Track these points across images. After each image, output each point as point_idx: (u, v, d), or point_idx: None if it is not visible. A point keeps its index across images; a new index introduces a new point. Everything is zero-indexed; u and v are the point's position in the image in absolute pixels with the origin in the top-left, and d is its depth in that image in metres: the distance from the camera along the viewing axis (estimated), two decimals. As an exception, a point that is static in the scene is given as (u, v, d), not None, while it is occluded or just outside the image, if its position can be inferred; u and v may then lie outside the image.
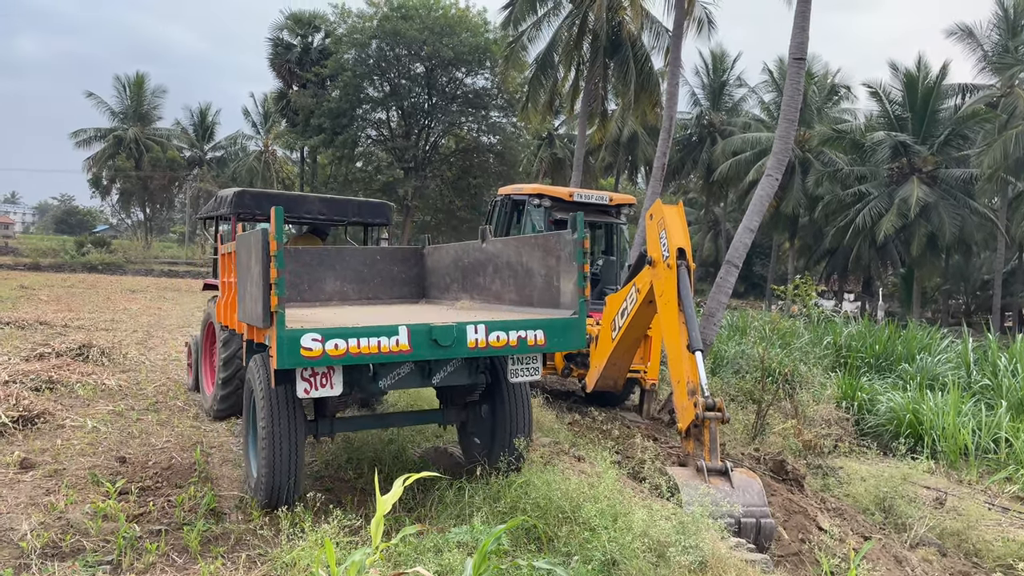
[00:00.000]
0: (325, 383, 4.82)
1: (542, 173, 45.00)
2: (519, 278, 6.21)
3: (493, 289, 6.69)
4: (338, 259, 8.02)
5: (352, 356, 4.60)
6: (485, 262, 6.84)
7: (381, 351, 4.67)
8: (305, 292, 7.76)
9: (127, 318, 17.52)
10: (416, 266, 8.37)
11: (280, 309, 4.46)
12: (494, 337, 4.99)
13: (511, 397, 6.10)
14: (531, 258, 6.01)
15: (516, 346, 5.08)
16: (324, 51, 42.42)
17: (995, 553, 7.25)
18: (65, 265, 38.09)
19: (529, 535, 4.87)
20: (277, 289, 4.48)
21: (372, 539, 3.19)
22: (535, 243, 5.97)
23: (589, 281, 5.37)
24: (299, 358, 4.47)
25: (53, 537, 4.89)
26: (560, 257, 5.52)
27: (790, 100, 12.43)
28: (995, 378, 13.26)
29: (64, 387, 9.20)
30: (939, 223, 32.30)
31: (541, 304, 5.82)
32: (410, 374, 5.44)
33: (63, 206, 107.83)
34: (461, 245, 7.47)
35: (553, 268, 5.65)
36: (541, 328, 5.17)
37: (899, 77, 34.74)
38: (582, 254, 5.28)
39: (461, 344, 4.88)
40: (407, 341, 4.73)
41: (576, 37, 25.79)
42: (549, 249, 5.70)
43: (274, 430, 5.18)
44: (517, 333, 5.08)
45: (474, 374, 5.77)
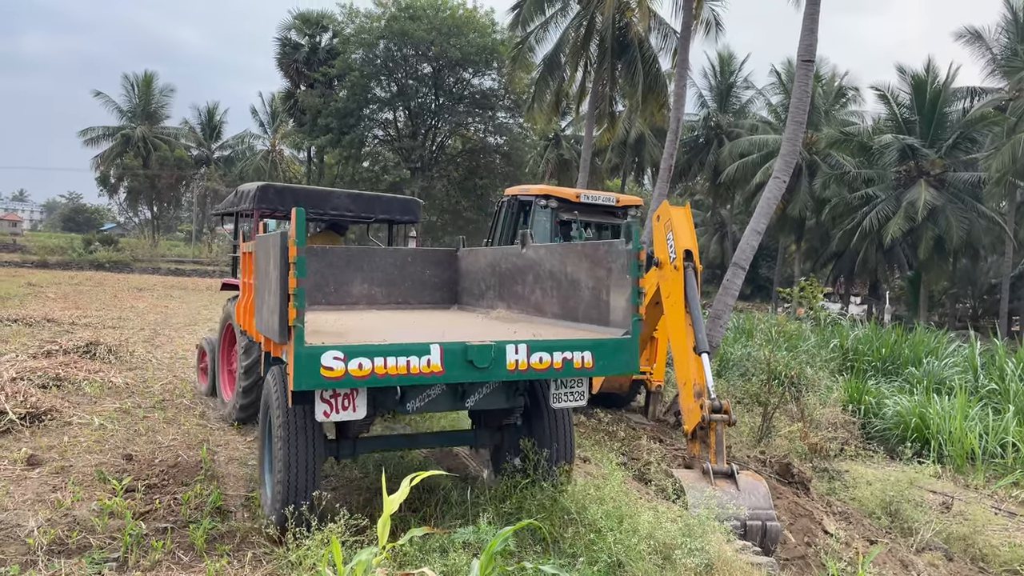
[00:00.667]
0: (347, 406, 4.45)
1: (548, 174, 45.00)
2: (563, 289, 5.73)
3: (533, 299, 6.22)
4: (367, 260, 7.66)
5: (378, 378, 4.18)
6: (525, 269, 6.37)
7: (410, 372, 4.24)
8: (331, 295, 7.42)
9: (134, 316, 17.57)
10: (449, 270, 7.94)
11: (299, 323, 4.05)
12: (536, 359, 4.53)
13: (552, 422, 5.65)
14: (577, 268, 5.50)
15: (561, 369, 4.60)
16: (332, 51, 42.51)
17: (1002, 558, 7.23)
18: (72, 263, 38.24)
19: (535, 536, 4.86)
20: (296, 301, 4.07)
21: (379, 539, 3.19)
22: (582, 252, 5.47)
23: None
24: (319, 379, 4.06)
25: (60, 534, 4.91)
26: (611, 269, 5.02)
27: (798, 102, 12.41)
28: (1002, 383, 13.21)
29: (71, 384, 9.22)
30: (947, 226, 32.19)
31: (587, 320, 5.34)
32: (441, 396, 4.99)
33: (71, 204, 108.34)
34: (499, 249, 7.10)
35: (602, 281, 5.15)
36: (589, 349, 4.68)
37: (907, 80, 34.65)
38: (636, 267, 4.75)
39: (499, 366, 4.43)
40: (439, 361, 4.30)
41: (583, 38, 25.79)
42: (598, 260, 5.20)
43: (290, 452, 4.82)
44: (563, 355, 4.60)
45: (512, 397, 5.31)
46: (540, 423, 5.70)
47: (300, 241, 4.12)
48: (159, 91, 55.02)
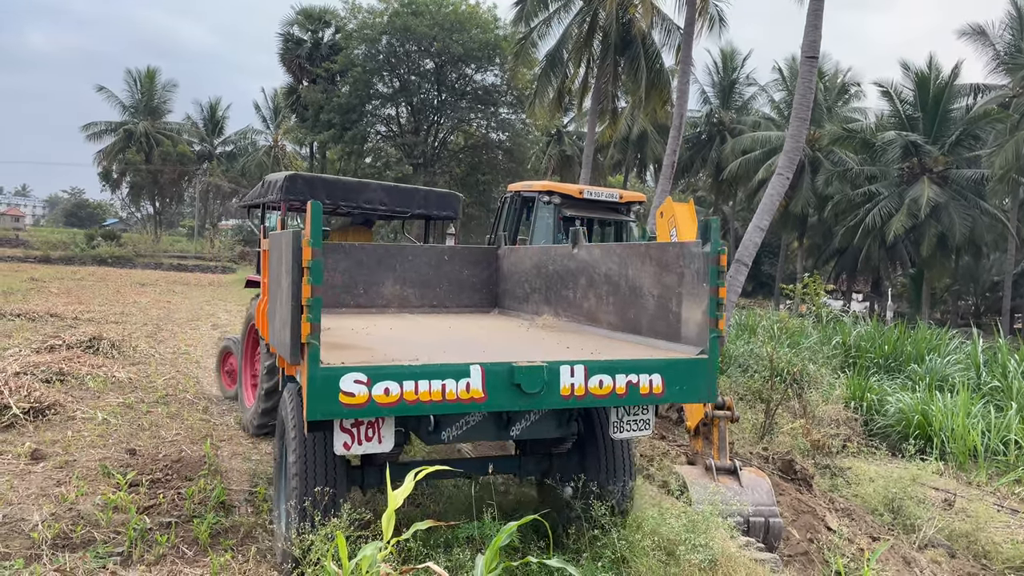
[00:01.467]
0: (371, 436, 3.84)
1: (551, 170, 44.96)
2: (622, 296, 5.05)
3: (585, 306, 5.56)
4: (400, 258, 7.06)
5: (408, 405, 3.56)
6: (576, 272, 5.70)
7: (446, 398, 3.62)
8: (360, 296, 6.87)
9: (137, 311, 17.60)
10: (489, 270, 7.32)
11: (314, 340, 3.45)
12: (596, 382, 3.86)
13: (609, 454, 4.98)
14: (641, 272, 4.82)
15: (624, 395, 3.93)
16: (334, 46, 42.47)
17: (1004, 555, 7.22)
18: (75, 258, 38.28)
19: (539, 532, 4.87)
20: (311, 313, 3.47)
21: (383, 534, 3.19)
22: (647, 253, 4.77)
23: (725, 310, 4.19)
24: (337, 407, 3.44)
25: (64, 528, 4.92)
26: (683, 275, 4.34)
27: (802, 99, 12.39)
28: (1005, 380, 13.19)
29: (74, 379, 9.24)
30: (949, 224, 32.15)
31: (652, 333, 4.67)
32: (482, 423, 4.41)
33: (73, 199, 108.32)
34: (546, 249, 6.47)
35: (672, 288, 4.46)
36: (659, 372, 3.99)
37: (910, 76, 34.56)
38: (716, 273, 4.05)
39: (552, 392, 3.77)
40: (481, 386, 3.67)
41: (586, 34, 25.74)
42: (667, 263, 4.52)
43: (307, 485, 4.21)
44: (627, 378, 3.92)
45: (564, 425, 4.67)
46: (595, 453, 5.01)
47: (316, 241, 3.51)
48: (162, 86, 55.02)
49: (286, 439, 4.51)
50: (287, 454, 4.45)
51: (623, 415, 4.42)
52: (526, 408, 3.98)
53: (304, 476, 4.21)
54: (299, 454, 4.25)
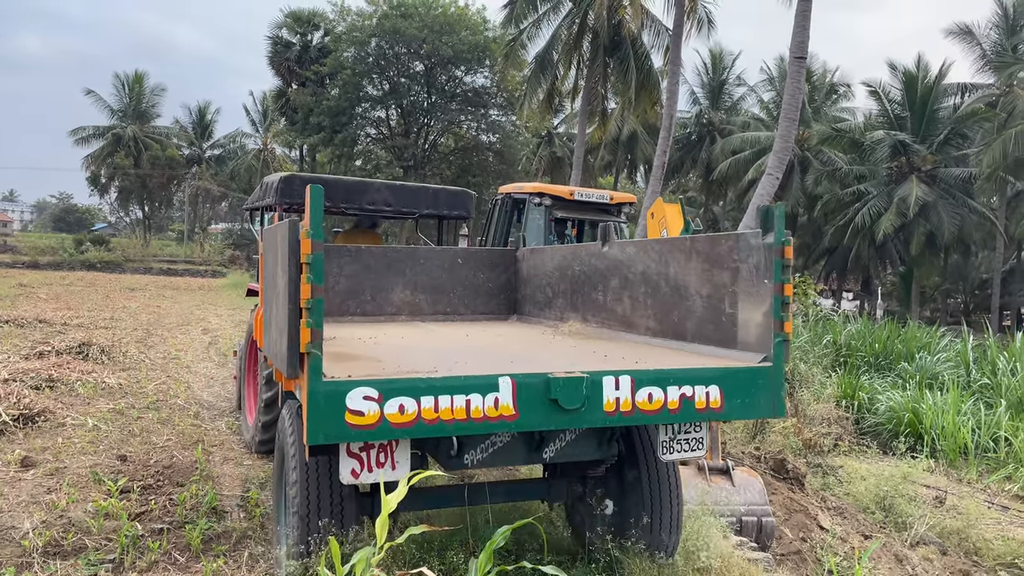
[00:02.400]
0: (383, 461, 3.33)
1: (541, 172, 44.99)
2: (663, 297, 4.50)
3: (618, 310, 5.00)
4: (410, 262, 6.56)
5: (426, 425, 3.05)
6: (607, 272, 5.14)
7: (472, 417, 3.09)
8: (367, 303, 6.38)
9: (126, 316, 17.51)
10: (507, 273, 6.83)
11: (315, 349, 2.97)
12: (644, 396, 3.32)
13: (654, 477, 4.39)
14: (685, 270, 4.27)
15: (677, 410, 3.39)
16: (323, 49, 42.40)
17: (995, 552, 7.26)
18: (64, 263, 38.08)
19: (534, 535, 4.87)
20: (311, 317, 2.99)
21: (377, 538, 3.18)
22: (693, 248, 4.21)
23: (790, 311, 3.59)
24: (343, 428, 2.95)
25: (55, 535, 4.89)
26: (739, 270, 3.83)
27: (791, 99, 12.44)
28: (994, 377, 13.27)
29: (64, 385, 9.19)
30: (938, 222, 32.34)
31: (701, 339, 4.12)
32: (510, 444, 3.80)
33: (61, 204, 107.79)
34: (571, 248, 5.98)
35: (725, 287, 3.94)
36: (716, 383, 3.45)
37: (898, 76, 34.77)
38: (781, 268, 3.58)
39: (594, 407, 3.25)
40: (511, 401, 3.14)
41: (576, 36, 25.81)
42: (719, 258, 3.98)
43: (309, 516, 3.73)
44: (680, 390, 3.38)
45: (604, 445, 4.00)
46: (637, 476, 4.40)
47: (316, 232, 3.02)
48: (150, 90, 54.85)
49: (285, 465, 3.98)
50: (287, 482, 3.94)
51: (674, 433, 3.85)
52: (564, 427, 3.49)
53: (306, 507, 3.74)
54: (300, 483, 3.75)
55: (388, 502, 3.15)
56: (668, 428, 3.84)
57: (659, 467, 4.38)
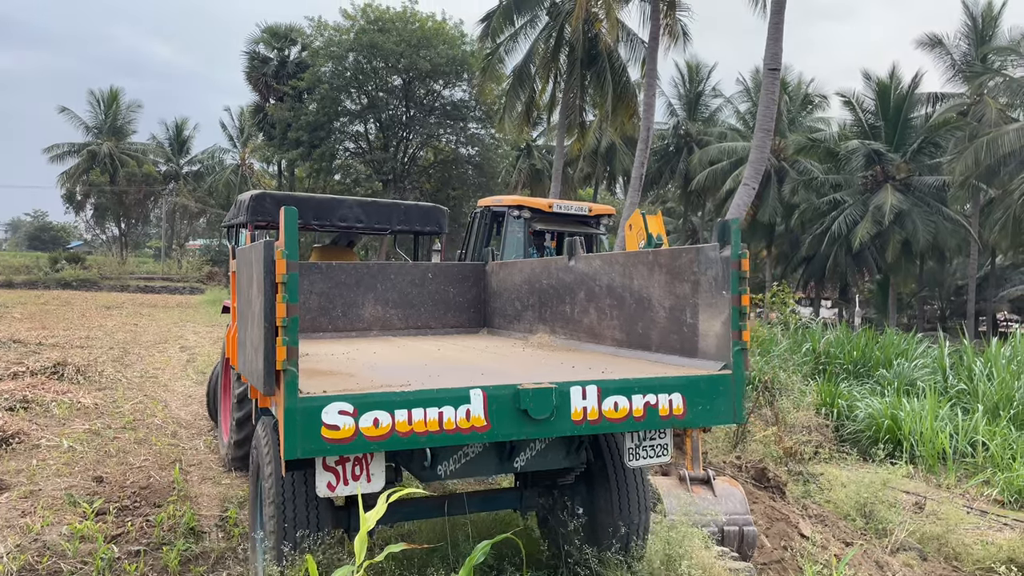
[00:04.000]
0: (359, 474, 3.42)
1: (521, 184, 45.12)
2: (627, 309, 4.66)
3: (585, 322, 5.14)
4: (381, 277, 6.66)
5: (400, 438, 3.15)
6: (574, 285, 5.29)
7: (445, 429, 3.21)
8: (338, 319, 6.44)
9: (102, 335, 17.31)
10: (476, 287, 6.96)
11: (291, 366, 3.06)
12: (611, 405, 3.49)
13: (622, 486, 4.52)
14: (649, 282, 4.43)
15: (642, 418, 3.56)
16: (301, 64, 42.35)
17: (974, 556, 7.31)
18: (39, 282, 37.61)
19: (515, 550, 4.85)
20: (287, 335, 3.08)
21: (356, 556, 3.15)
22: (655, 261, 4.39)
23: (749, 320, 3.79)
24: (319, 443, 3.04)
25: (29, 559, 4.81)
26: (699, 283, 4.00)
27: (765, 110, 12.58)
28: (971, 382, 13.41)
29: (39, 406, 9.07)
30: (913, 230, 32.75)
31: (665, 349, 4.28)
32: (482, 456, 3.98)
33: (36, 222, 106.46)
34: (539, 262, 6.10)
35: (686, 298, 4.10)
36: (679, 391, 3.63)
37: (872, 86, 35.27)
38: (739, 279, 3.74)
39: (563, 417, 3.40)
40: (483, 412, 3.27)
41: (553, 49, 25.96)
42: (679, 271, 4.15)
43: (285, 530, 3.79)
44: (644, 398, 3.55)
45: (573, 454, 4.23)
46: (606, 484, 4.53)
47: (291, 253, 3.13)
48: (126, 106, 54.48)
49: (261, 479, 4.04)
50: (263, 497, 4.00)
51: (639, 440, 4.01)
52: (535, 436, 3.56)
53: (282, 521, 3.79)
54: (276, 497, 3.81)
55: (367, 519, 3.13)
56: (634, 435, 3.98)
57: (627, 474, 4.51)
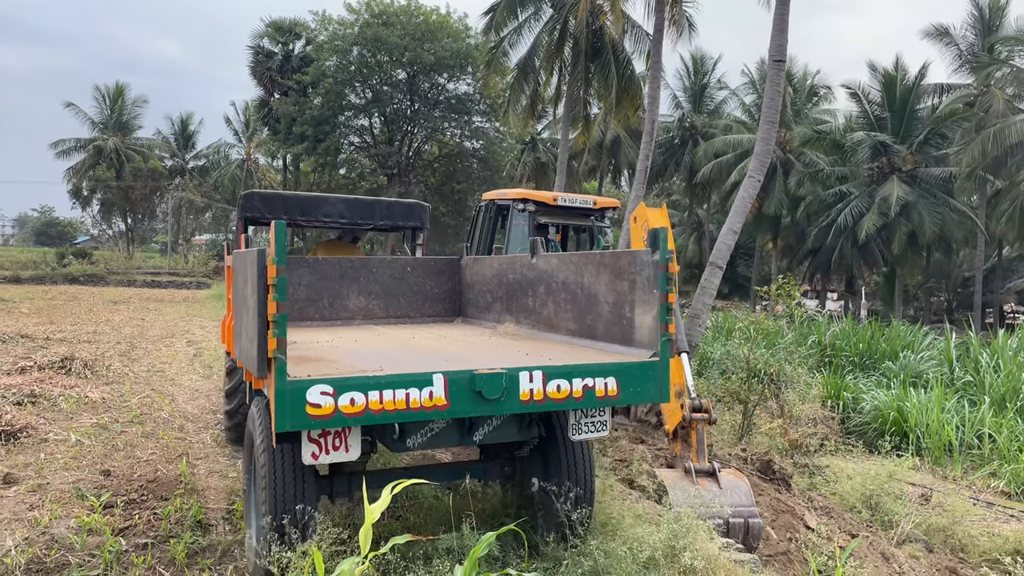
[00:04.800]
0: (339, 445, 4.04)
1: (526, 178, 45.06)
2: (579, 303, 5.25)
3: (544, 314, 5.75)
4: (363, 271, 7.17)
5: (373, 414, 3.72)
6: (535, 281, 5.88)
7: (411, 407, 3.78)
8: (325, 309, 6.98)
9: (110, 330, 17.37)
10: (452, 280, 7.48)
11: (280, 355, 3.60)
12: (554, 387, 4.08)
13: (569, 456, 5.14)
14: (596, 280, 5.03)
15: (581, 398, 4.14)
16: (305, 58, 42.33)
17: (981, 548, 7.31)
18: (46, 277, 37.73)
19: (519, 541, 4.86)
20: (276, 328, 3.62)
21: (361, 549, 3.17)
22: (601, 262, 5.02)
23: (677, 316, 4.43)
24: (304, 419, 3.59)
25: (38, 553, 4.85)
26: (635, 282, 4.57)
27: (770, 102, 12.51)
28: (977, 374, 13.39)
29: (47, 401, 9.11)
30: (919, 221, 32.62)
31: (608, 339, 4.88)
32: (445, 430, 4.58)
33: (43, 218, 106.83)
34: (507, 258, 6.63)
35: (625, 295, 4.68)
36: (613, 375, 4.21)
37: (878, 78, 35.09)
38: (666, 280, 4.31)
39: (512, 397, 3.98)
40: (444, 393, 3.85)
41: (557, 42, 25.87)
42: (620, 271, 4.75)
43: (276, 496, 4.31)
44: (583, 382, 4.13)
45: (525, 429, 4.89)
46: (556, 455, 5.16)
47: (280, 260, 3.63)
48: (131, 102, 54.48)
49: (255, 452, 4.55)
50: (256, 467, 4.53)
51: (581, 418, 4.64)
52: (488, 414, 4.25)
53: (273, 488, 4.31)
54: (268, 466, 4.34)
55: (371, 512, 3.15)
56: (576, 413, 4.61)
57: (573, 446, 5.12)
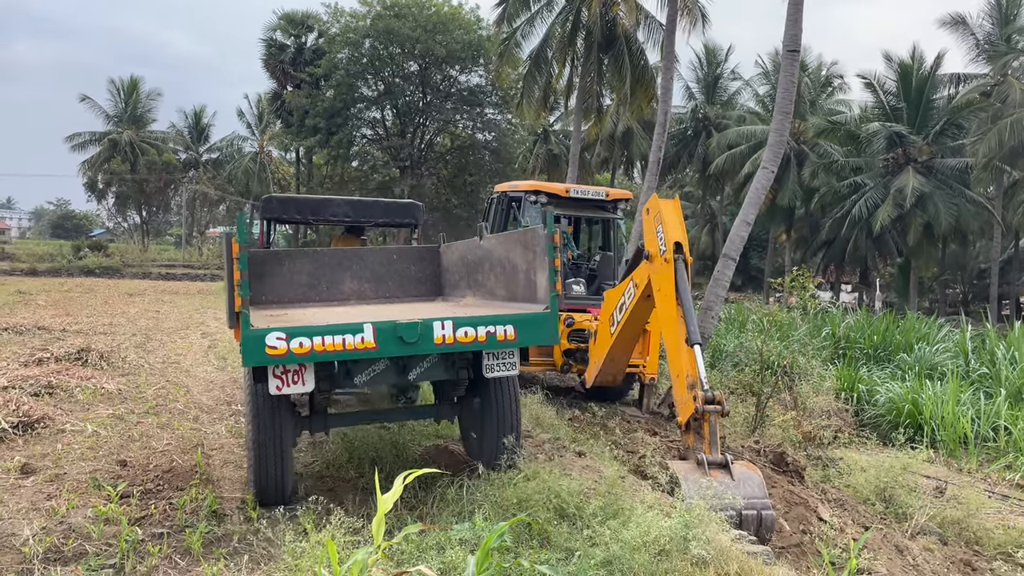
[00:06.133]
0: (296, 380, 4.93)
1: (538, 170, 44.96)
2: (507, 274, 6.29)
3: (488, 285, 6.75)
4: (356, 259, 8.12)
5: (317, 354, 4.72)
6: (483, 259, 6.91)
7: (347, 348, 4.77)
8: (323, 292, 7.86)
9: (125, 322, 17.49)
10: (432, 264, 8.41)
11: (244, 310, 4.65)
12: (462, 333, 5.05)
13: (495, 394, 6.14)
14: (515, 254, 6.08)
15: (485, 342, 5.11)
16: (317, 51, 42.35)
17: (995, 541, 7.28)
18: (62, 270, 37.99)
19: (532, 531, 4.88)
20: (240, 290, 4.69)
21: (374, 538, 3.19)
22: (517, 239, 6.05)
23: (561, 276, 5.49)
24: (264, 356, 4.62)
25: (55, 542, 4.90)
26: (536, 252, 5.57)
27: (784, 92, 12.44)
28: (993, 367, 13.30)
29: (63, 392, 9.19)
30: (935, 213, 32.35)
31: (523, 299, 5.84)
32: (385, 370, 5.53)
33: (59, 211, 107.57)
34: (466, 243, 7.52)
35: (531, 263, 5.68)
36: (511, 323, 5.19)
37: (893, 67, 34.78)
38: (552, 249, 5.32)
39: (427, 340, 4.94)
40: (372, 338, 4.83)
41: (570, 33, 25.80)
42: (528, 244, 5.76)
43: (259, 426, 5.32)
44: (486, 328, 5.10)
45: (451, 370, 5.81)
46: (486, 397, 6.16)
47: (241, 239, 4.71)
48: (145, 95, 54.61)
49: (246, 395, 5.76)
50: (245, 404, 5.70)
51: (492, 359, 5.52)
52: (408, 354, 5.09)
53: (255, 417, 5.37)
54: (251, 397, 5.45)
55: (384, 502, 3.17)
56: (488, 355, 5.48)
57: (499, 386, 6.12)
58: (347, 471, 6.70)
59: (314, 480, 6.50)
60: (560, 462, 6.42)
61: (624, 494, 5.39)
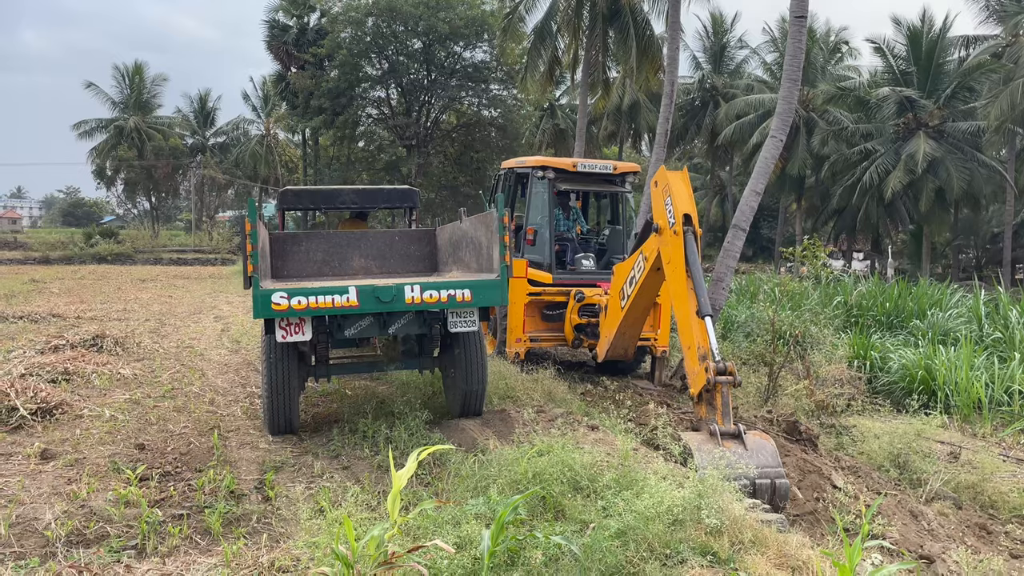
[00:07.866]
0: (298, 331, 6.24)
1: (545, 145, 44.74)
2: (476, 250, 7.37)
3: (466, 260, 7.84)
4: (363, 240, 9.31)
5: (312, 309, 5.99)
6: (462, 239, 8.00)
7: (335, 305, 6.03)
8: (335, 269, 9.06)
9: (138, 307, 17.62)
10: (429, 244, 9.50)
11: (255, 275, 5.86)
12: (428, 295, 6.27)
13: (462, 348, 7.32)
14: (480, 232, 7.19)
15: (447, 302, 6.34)
16: (320, 31, 42.08)
17: (1011, 504, 7.28)
18: (74, 257, 38.21)
19: (546, 504, 4.92)
20: (252, 259, 5.87)
21: (390, 514, 3.23)
22: (480, 220, 7.21)
23: (510, 250, 6.58)
24: (270, 311, 5.90)
25: (77, 525, 4.97)
26: (493, 231, 6.66)
27: (792, 60, 12.29)
28: (1007, 331, 13.21)
29: (80, 378, 9.28)
30: (947, 177, 32.02)
31: (485, 271, 6.94)
32: (370, 325, 6.75)
33: (69, 198, 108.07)
34: (452, 225, 8.59)
35: (491, 239, 6.75)
36: (468, 288, 6.38)
37: (903, 31, 34.29)
38: (503, 227, 6.49)
39: (400, 300, 6.19)
40: (355, 298, 6.08)
41: (574, 5, 25.52)
42: (488, 224, 6.87)
43: (271, 369, 6.72)
44: (448, 292, 6.31)
45: (424, 325, 6.98)
46: (456, 350, 7.37)
47: (252, 219, 5.88)
48: (151, 80, 54.56)
49: (261, 347, 7.17)
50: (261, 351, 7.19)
51: (456, 316, 6.75)
52: (384, 311, 6.34)
53: (267, 361, 6.78)
54: (264, 346, 6.87)
55: (399, 478, 3.20)
56: (452, 313, 6.72)
57: (463, 340, 7.30)
58: (362, 449, 6.76)
59: (330, 459, 6.57)
60: (573, 436, 6.44)
61: (637, 466, 5.41)
